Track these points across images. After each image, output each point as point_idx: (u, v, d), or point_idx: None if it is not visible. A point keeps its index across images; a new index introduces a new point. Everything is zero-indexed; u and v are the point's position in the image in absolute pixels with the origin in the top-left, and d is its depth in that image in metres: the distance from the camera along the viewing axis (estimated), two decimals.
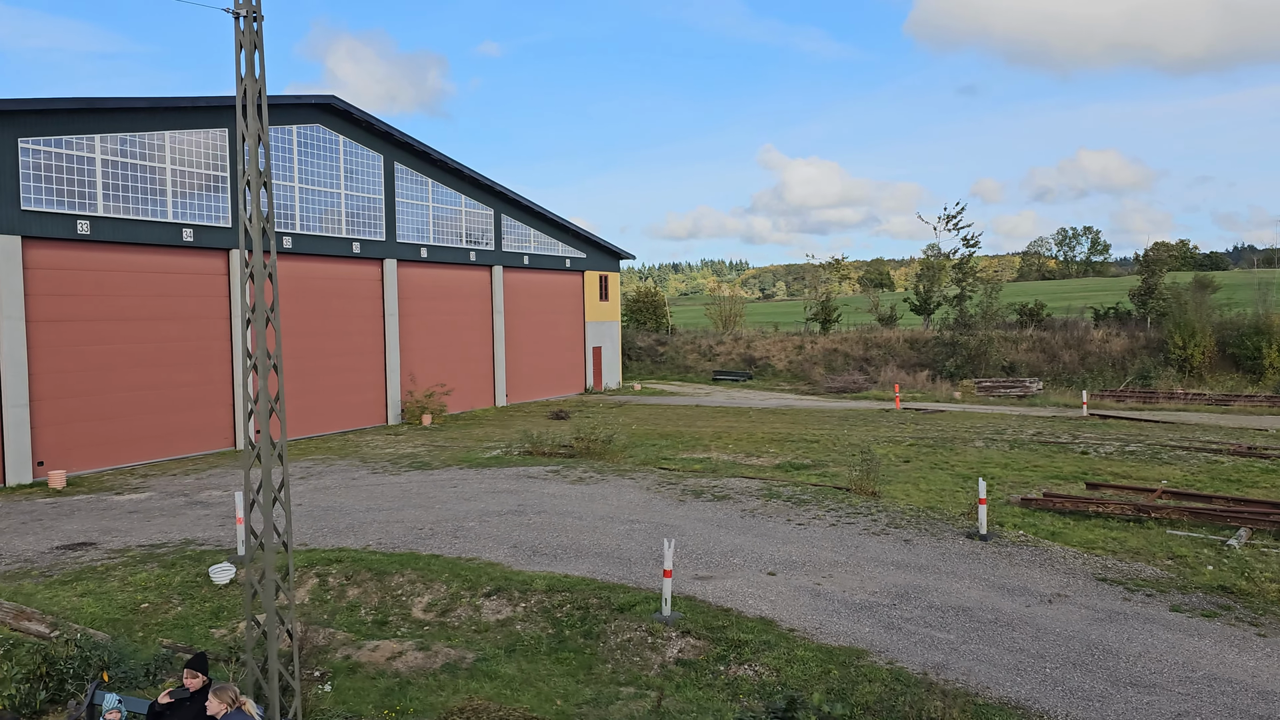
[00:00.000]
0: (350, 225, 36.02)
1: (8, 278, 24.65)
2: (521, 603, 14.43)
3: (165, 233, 28.76)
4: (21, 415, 24.97)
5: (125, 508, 21.63)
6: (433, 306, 40.40)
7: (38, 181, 25.39)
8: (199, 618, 14.73)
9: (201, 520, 20.02)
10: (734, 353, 60.85)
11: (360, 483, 24.10)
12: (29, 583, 15.54)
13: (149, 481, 25.20)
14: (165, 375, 28.98)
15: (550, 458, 27.59)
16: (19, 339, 24.89)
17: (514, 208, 45.62)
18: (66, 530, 19.36)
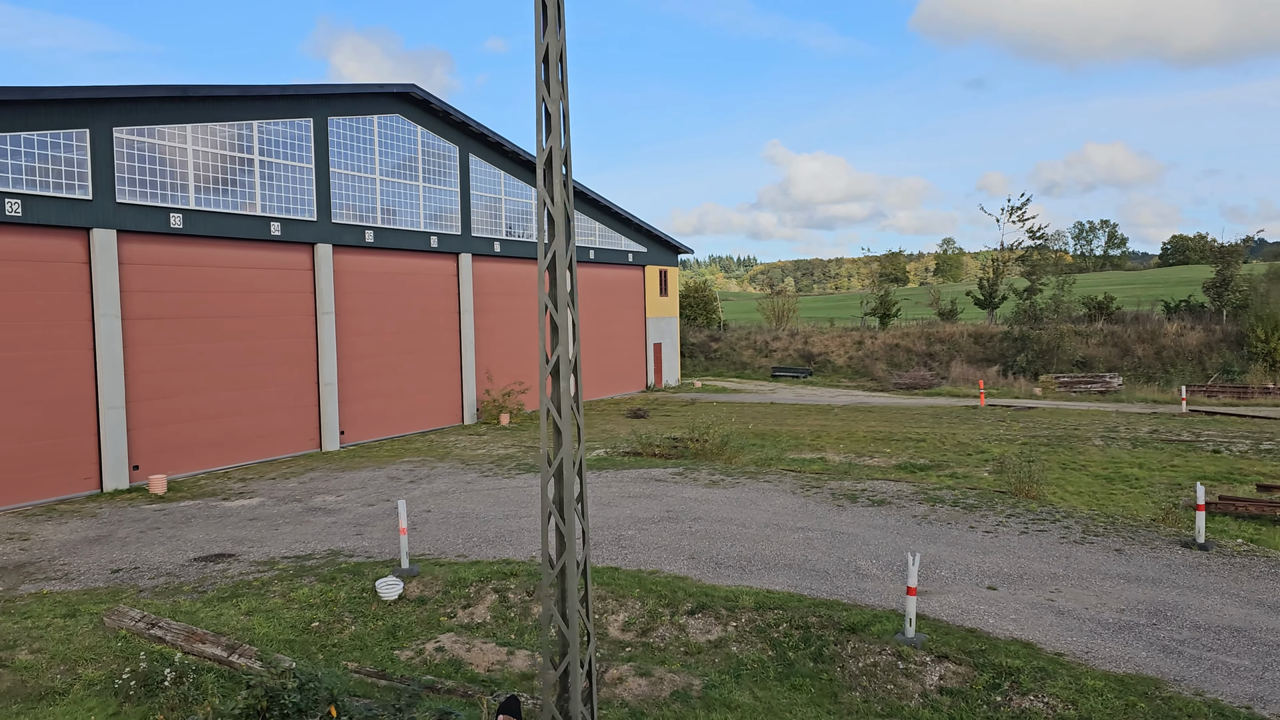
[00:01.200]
0: (428, 219, 34.85)
1: (104, 273, 23.53)
2: (731, 622, 13.22)
3: (253, 226, 27.63)
4: (118, 417, 23.86)
5: (241, 515, 20.49)
6: (503, 303, 39.23)
7: (131, 173, 24.27)
8: (375, 637, 13.57)
9: (332, 529, 18.86)
10: (791, 349, 59.57)
11: (476, 487, 22.92)
12: (184, 599, 14.40)
13: (249, 486, 24.08)
14: (253, 375, 27.86)
15: (663, 459, 26.38)
16: (115, 338, 23.78)
17: (580, 200, 44.41)
18: (193, 540, 18.22)
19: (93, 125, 23.31)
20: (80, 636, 12.97)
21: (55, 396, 22.68)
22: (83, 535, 18.93)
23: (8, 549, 17.93)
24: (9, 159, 21.55)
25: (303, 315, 29.65)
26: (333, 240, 30.33)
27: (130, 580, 15.52)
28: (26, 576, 15.97)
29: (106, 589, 15.05)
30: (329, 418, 30.28)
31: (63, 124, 22.65)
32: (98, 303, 23.46)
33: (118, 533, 19.07)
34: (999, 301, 58.73)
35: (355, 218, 31.36)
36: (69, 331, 22.99)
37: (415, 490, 22.70)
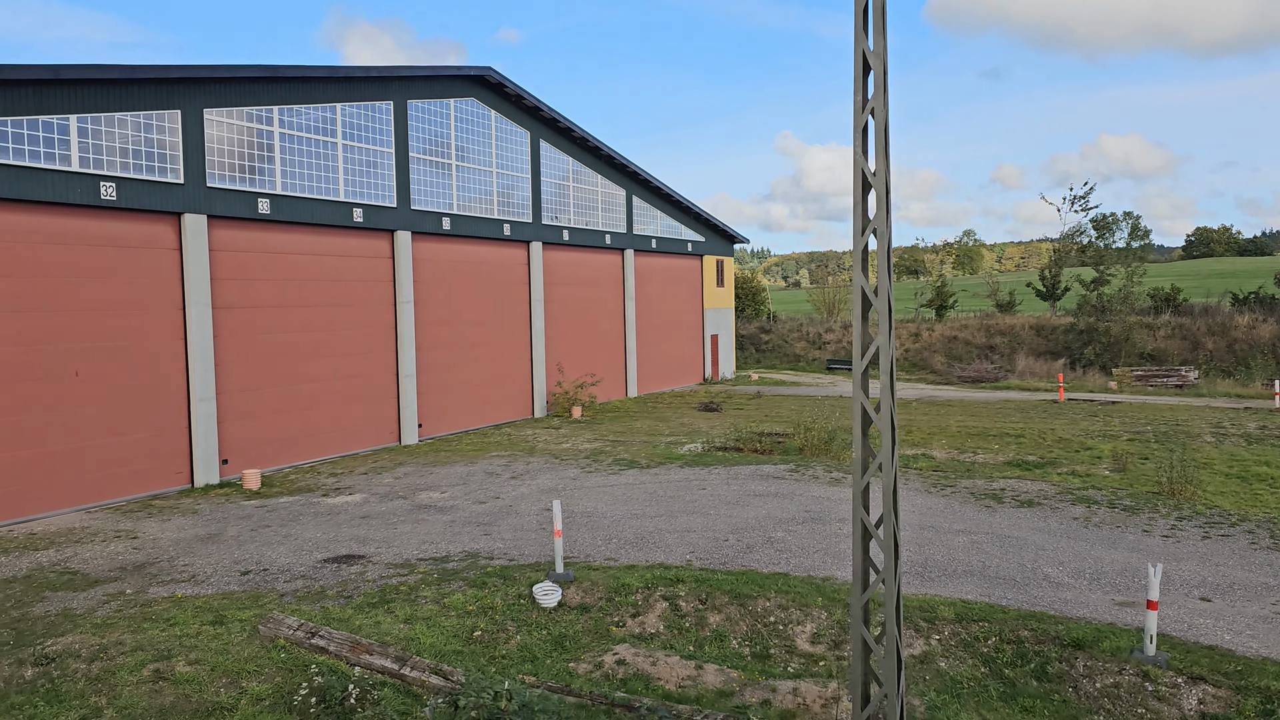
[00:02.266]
0: (501, 206, 33.90)
1: (196, 260, 22.68)
2: (933, 635, 12.24)
3: (337, 212, 26.73)
4: (209, 410, 23.04)
5: (349, 512, 19.61)
6: (571, 293, 38.27)
7: (220, 156, 23.39)
8: (543, 648, 12.66)
9: (454, 529, 17.96)
10: (844, 340, 58.43)
11: (584, 484, 21.99)
12: (331, 605, 13.51)
13: (343, 481, 23.22)
14: (334, 366, 27.01)
15: (764, 454, 25.40)
16: (206, 328, 22.94)
17: (644, 188, 43.40)
18: (311, 539, 17.35)
19: (184, 107, 22.43)
20: (236, 646, 12.09)
21: (147, 388, 21.86)
22: (192, 533, 18.10)
23: (120, 548, 17.10)
24: (104, 140, 20.69)
25: (383, 304, 28.77)
26: (412, 227, 29.42)
27: (265, 583, 14.65)
28: (151, 578, 15.13)
29: (244, 593, 14.18)
30: (408, 410, 29.42)
31: (154, 104, 21.77)
32: (189, 290, 22.61)
33: (227, 531, 18.23)
34: (1061, 293, 57.39)
35: (433, 204, 30.44)
36: (160, 320, 22.16)
37: (520, 487, 21.79)
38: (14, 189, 18.98)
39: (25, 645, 12.26)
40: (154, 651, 11.90)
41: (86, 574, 15.50)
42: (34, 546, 17.32)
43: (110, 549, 17.05)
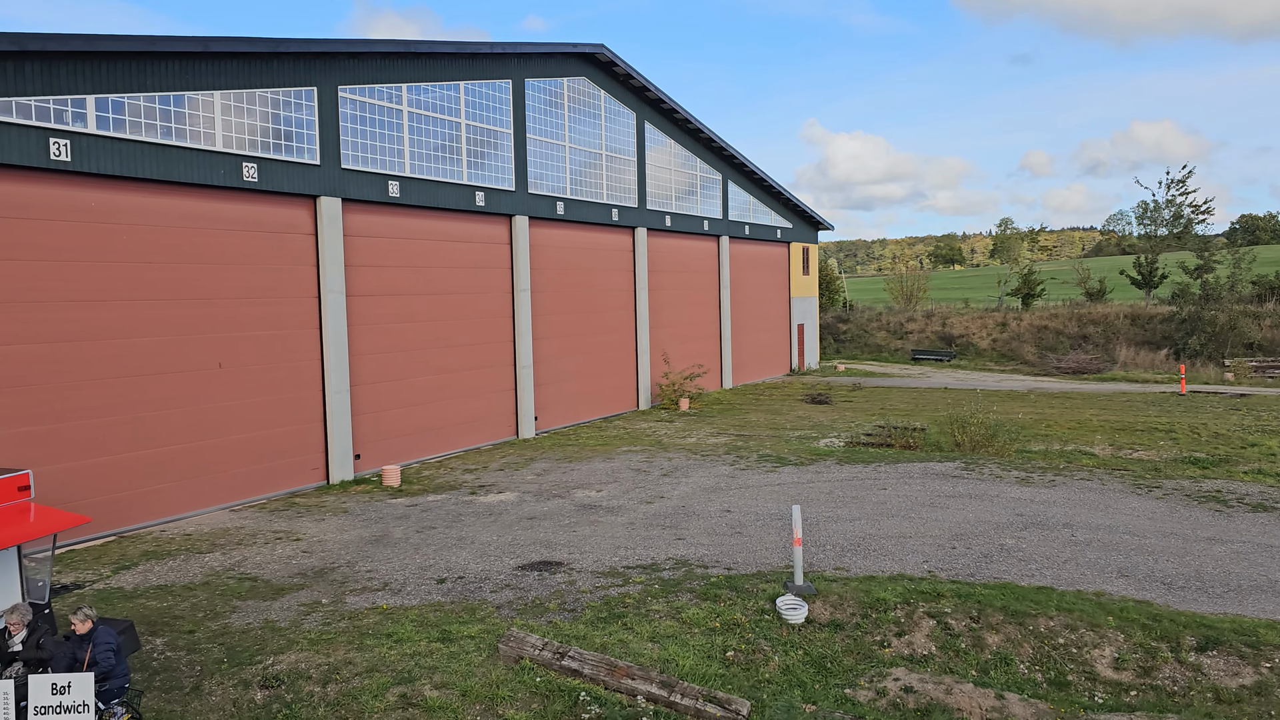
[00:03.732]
0: (609, 190, 32.62)
1: (331, 245, 21.58)
2: (1262, 662, 10.83)
3: (460, 196, 25.56)
4: (344, 403, 21.97)
5: (512, 512, 18.45)
6: (671, 280, 36.96)
7: (353, 136, 22.26)
8: (805, 670, 11.38)
9: (638, 531, 16.73)
10: (927, 330, 56.74)
11: (744, 482, 20.71)
12: (561, 620, 12.31)
13: (482, 478, 22.08)
14: (457, 357, 25.88)
15: (918, 450, 23.99)
16: (340, 317, 21.86)
17: (738, 173, 41.98)
18: (488, 542, 16.18)
19: (320, 83, 21.30)
20: (479, 668, 10.91)
21: (284, 380, 20.81)
22: (356, 535, 17.00)
23: (287, 551, 16.03)
24: (245, 118, 19.61)
25: (501, 293, 27.61)
26: (529, 212, 28.22)
27: (470, 593, 13.49)
28: (340, 586, 14.02)
29: (452, 604, 13.02)
30: (525, 402, 28.28)
31: (291, 81, 20.66)
32: (324, 277, 21.53)
33: (392, 532, 17.11)
34: (1158, 281, 55.33)
35: (548, 188, 29.22)
36: (296, 309, 21.09)
37: (679, 486, 20.54)
38: (161, 169, 17.93)
39: (243, 663, 11.17)
40: (392, 673, 10.75)
41: (268, 580, 14.42)
42: (195, 549, 16.30)
43: (278, 552, 15.98)
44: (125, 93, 17.29)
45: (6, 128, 15.50)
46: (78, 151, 16.52)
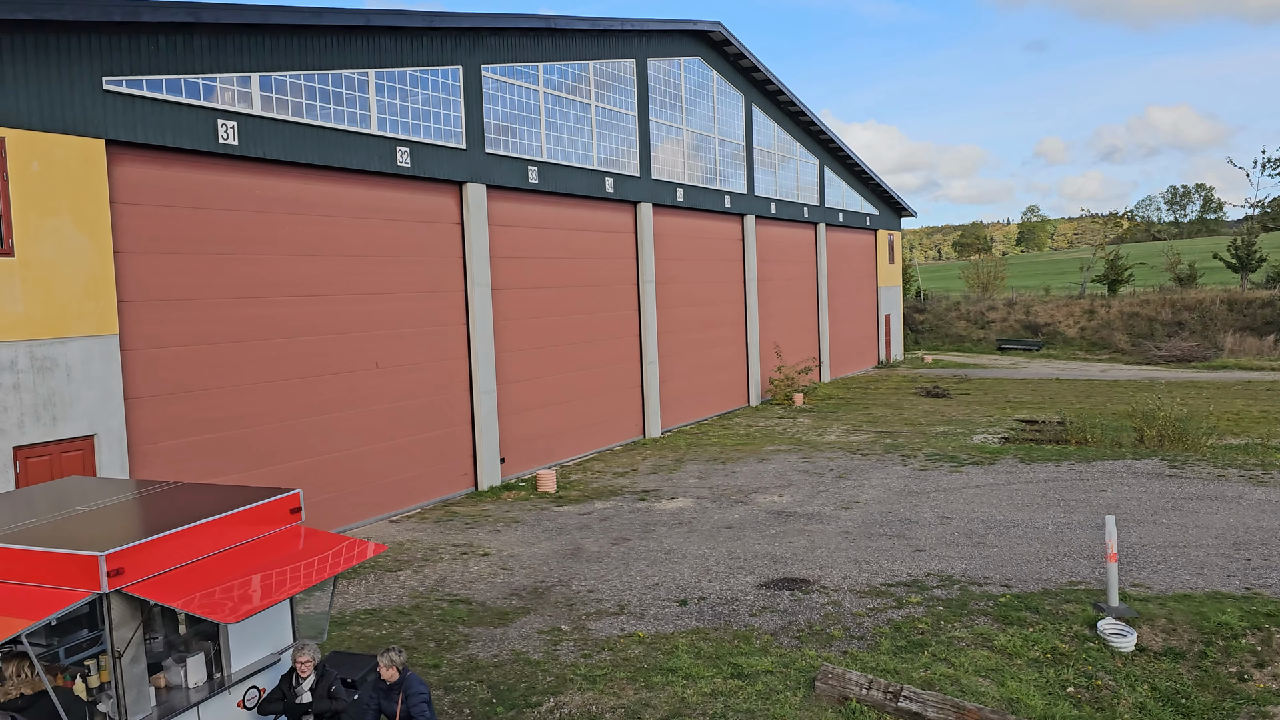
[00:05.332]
0: (722, 176, 31.10)
1: (477, 235, 20.17)
2: None
3: (591, 182, 24.10)
4: (491, 403, 20.58)
5: (704, 520, 16.97)
6: (773, 271, 35.38)
7: (494, 119, 20.83)
8: (1164, 711, 9.82)
9: (863, 541, 15.22)
10: (1010, 319, 54.90)
11: (933, 483, 19.16)
12: (858, 650, 10.81)
13: (639, 482, 20.63)
14: (588, 353, 24.43)
15: (1087, 446, 22.37)
16: (487, 312, 20.45)
17: (833, 158, 40.35)
18: (704, 555, 14.72)
19: (465, 62, 19.87)
20: (801, 710, 9.43)
21: (434, 381, 19.42)
22: (546, 549, 15.57)
23: (484, 568, 14.61)
24: (397, 99, 18.20)
25: (627, 284, 26.15)
26: (653, 199, 26.74)
27: (726, 617, 12.01)
28: (569, 609, 12.58)
29: (716, 630, 11.55)
30: (651, 400, 26.82)
31: (439, 60, 19.24)
32: (471, 270, 20.12)
33: (584, 545, 15.68)
34: (1256, 264, 53.28)
35: (669, 174, 27.72)
36: (444, 304, 19.70)
37: (864, 490, 19.02)
38: (320, 154, 16.53)
39: (519, 705, 9.74)
40: (705, 719, 9.29)
41: (481, 602, 13.01)
42: (382, 566, 14.91)
43: (474, 569, 14.56)
44: (288, 70, 15.90)
45: (176, 108, 14.13)
46: (244, 134, 15.14)
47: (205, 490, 9.18)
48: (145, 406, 13.98)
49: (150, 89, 13.76)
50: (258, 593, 7.41)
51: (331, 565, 8.09)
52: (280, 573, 7.90)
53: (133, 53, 13.50)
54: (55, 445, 12.62)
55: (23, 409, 12.17)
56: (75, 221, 12.75)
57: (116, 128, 13.29)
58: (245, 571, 7.86)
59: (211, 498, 8.79)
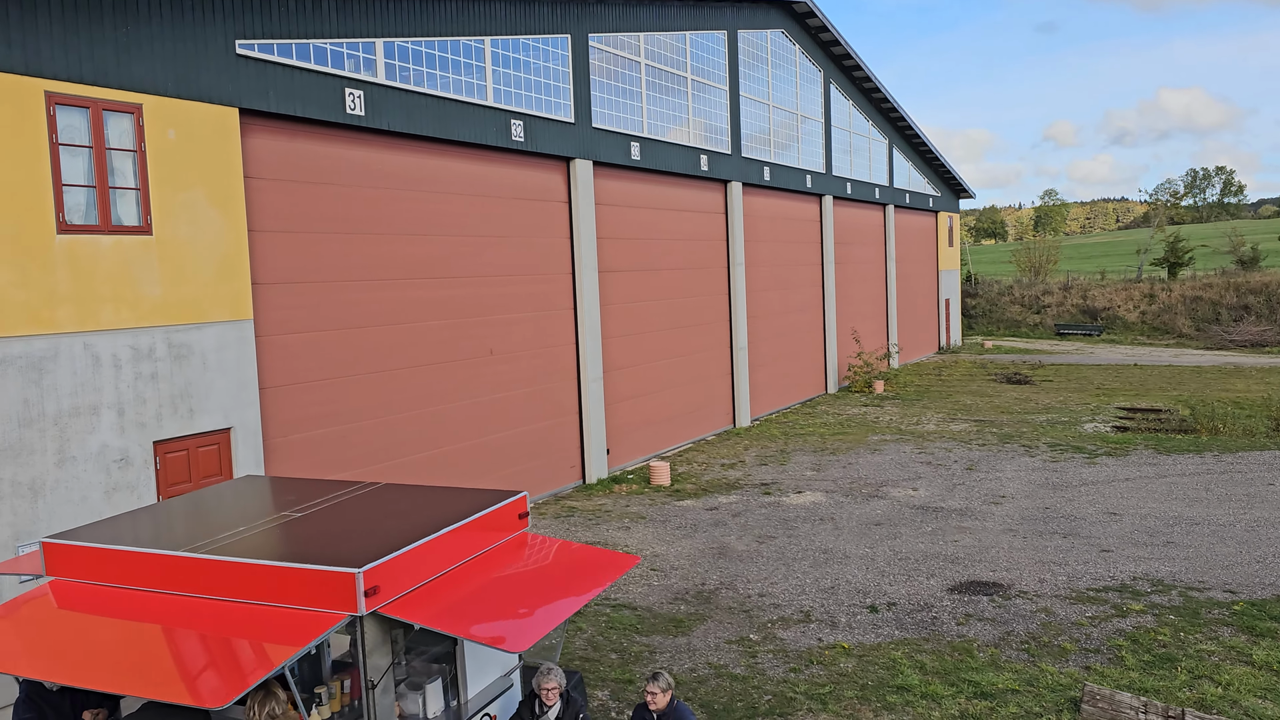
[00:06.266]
0: (803, 155, 29.95)
1: (585, 214, 19.12)
2: None
3: (687, 160, 23.00)
4: (598, 391, 19.58)
5: (846, 516, 15.95)
6: (848, 253, 34.24)
7: (600, 91, 19.74)
8: None
9: (1031, 540, 14.18)
10: (1067, 304, 53.60)
11: (1076, 475, 18.09)
12: (1100, 665, 9.77)
13: (753, 474, 19.61)
14: (682, 340, 23.38)
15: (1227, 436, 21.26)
16: (594, 296, 19.43)
17: (900, 137, 39.12)
18: (867, 556, 13.70)
19: (573, 31, 18.79)
20: None
21: (544, 368, 18.42)
22: (689, 547, 14.58)
23: (634, 570, 13.61)
24: (510, 69, 17.13)
25: (718, 268, 25.07)
26: (742, 178, 25.63)
27: (930, 626, 10.99)
28: (747, 615, 11.59)
29: (927, 640, 10.53)
30: (741, 388, 25.79)
31: (549, 28, 18.16)
32: (578, 251, 19.09)
33: (729, 544, 14.67)
34: None
35: (756, 152, 26.61)
36: (553, 287, 18.68)
37: (1003, 484, 17.96)
38: (439, 126, 15.49)
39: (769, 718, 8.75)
40: None
41: (648, 607, 12.03)
42: None
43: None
44: (410, 36, 14.85)
45: (307, 75, 13.10)
46: (370, 104, 14.11)
47: (416, 493, 8.19)
48: (277, 397, 13.03)
49: (281, 54, 12.74)
50: (538, 615, 6.41)
51: (593, 578, 7.08)
52: (539, 588, 6.90)
53: (264, 14, 12.48)
54: (192, 439, 11.67)
55: (160, 400, 11.21)
56: (210, 197, 11.75)
57: (249, 95, 12.28)
58: (500, 587, 6.86)
59: (434, 502, 7.80)
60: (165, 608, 6.52)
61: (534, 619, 6.34)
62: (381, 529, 7.02)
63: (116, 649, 6.08)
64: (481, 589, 6.78)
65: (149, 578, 6.78)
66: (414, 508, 7.60)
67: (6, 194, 9.72)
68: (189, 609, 6.47)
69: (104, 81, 10.61)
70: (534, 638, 6.09)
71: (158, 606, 6.55)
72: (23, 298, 9.87)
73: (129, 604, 6.66)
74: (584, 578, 7.11)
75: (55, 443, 10.15)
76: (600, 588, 6.97)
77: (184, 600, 6.59)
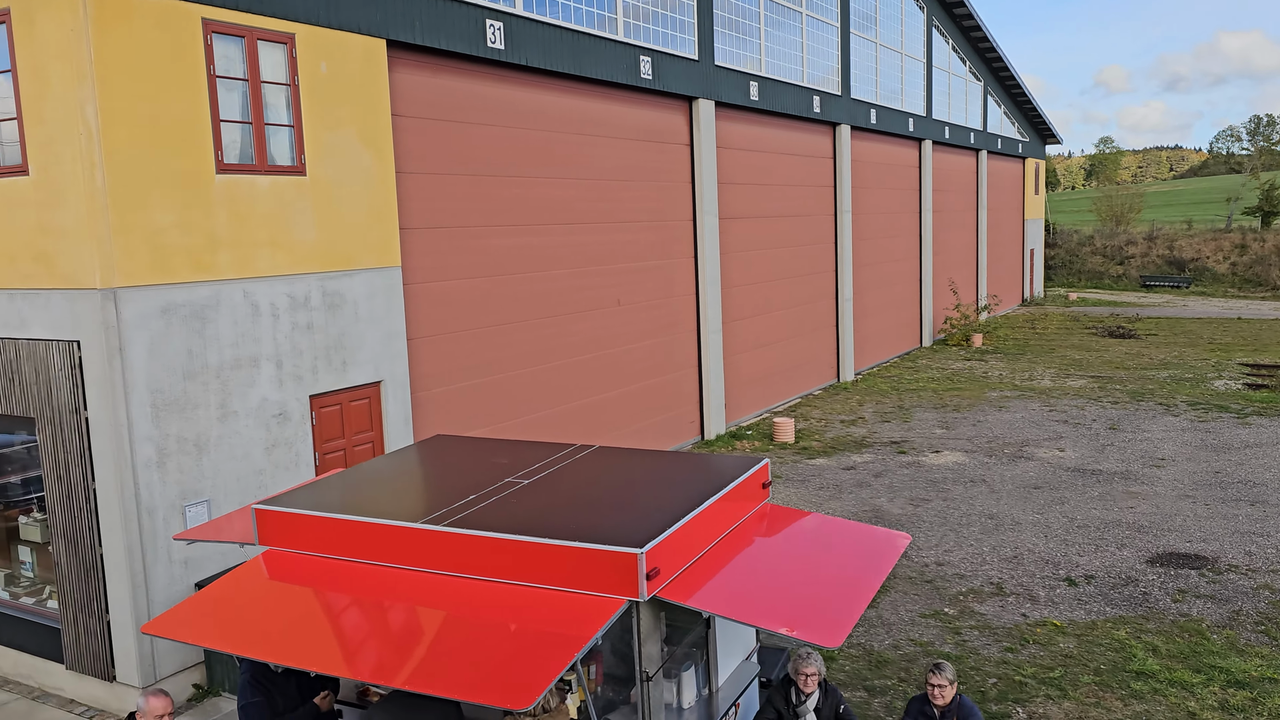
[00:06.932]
0: (907, 98, 28.56)
1: (706, 157, 18.15)
2: None
3: (799, 100, 21.84)
4: (717, 343, 18.78)
5: (1001, 478, 15.09)
6: (941, 201, 32.84)
7: (722, 26, 18.63)
8: None
9: (1224, 508, 13.24)
10: (1151, 254, 51.62)
11: (1238, 439, 17.03)
12: None
13: (878, 431, 18.77)
14: (791, 291, 22.43)
15: None
16: (715, 243, 18.53)
17: (994, 79, 37.35)
18: (1040, 523, 12.86)
19: None
20: None
21: (666, 320, 17.63)
22: (842, 510, 13.83)
23: None
24: (639, 1, 16.09)
25: (824, 215, 23.99)
26: (851, 121, 24.40)
27: (1141, 601, 10.16)
28: (931, 586, 10.83)
29: (1142, 618, 9.71)
30: (846, 341, 24.84)
31: None
32: (700, 196, 18.16)
33: (881, 506, 13.90)
34: None
35: (865, 93, 25.32)
36: (675, 234, 17.81)
37: (1157, 445, 16.95)
38: (572, 62, 14.55)
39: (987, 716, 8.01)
40: None
41: None
42: None
43: None
44: None
45: (449, 5, 12.23)
46: (509, 37, 13.22)
47: (642, 459, 7.47)
48: (420, 349, 12.39)
49: None
50: (835, 602, 5.66)
51: (871, 556, 6.32)
52: (819, 570, 6.15)
53: None
54: (345, 393, 11.05)
55: (315, 352, 10.58)
56: (360, 135, 10.99)
57: (396, 26, 11.45)
58: (776, 568, 6.13)
59: (672, 470, 7.06)
60: (413, 587, 5.88)
61: (835, 607, 5.60)
62: (637, 502, 6.30)
63: (370, 634, 5.45)
64: (756, 570, 6.05)
65: (388, 552, 6.14)
66: (657, 477, 6.87)
67: (168, 130, 9.02)
68: (440, 589, 5.82)
69: (258, 9, 9.82)
70: (846, 629, 5.36)
71: (404, 585, 5.91)
72: (185, 242, 9.22)
73: (368, 581, 6.03)
74: (859, 556, 6.35)
75: (218, 396, 9.56)
76: (885, 569, 6.21)
77: (431, 579, 5.94)
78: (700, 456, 7.40)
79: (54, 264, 8.79)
